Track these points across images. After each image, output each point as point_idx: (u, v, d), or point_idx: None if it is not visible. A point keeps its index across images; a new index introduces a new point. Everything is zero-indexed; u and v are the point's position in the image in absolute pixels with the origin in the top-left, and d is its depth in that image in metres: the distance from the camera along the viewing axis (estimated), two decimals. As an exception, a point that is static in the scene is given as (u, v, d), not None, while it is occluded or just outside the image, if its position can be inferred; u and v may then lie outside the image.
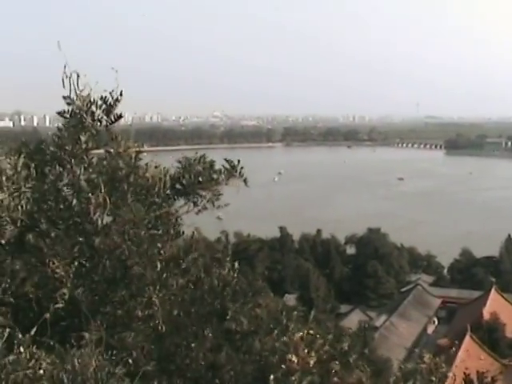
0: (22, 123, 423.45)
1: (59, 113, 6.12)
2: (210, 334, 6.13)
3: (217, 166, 6.46)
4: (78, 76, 5.83)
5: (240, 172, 6.46)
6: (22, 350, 4.49)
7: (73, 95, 5.95)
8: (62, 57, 5.56)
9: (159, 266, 5.90)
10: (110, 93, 6.05)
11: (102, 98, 6.05)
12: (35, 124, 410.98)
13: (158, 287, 5.84)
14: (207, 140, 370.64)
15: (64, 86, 5.86)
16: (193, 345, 6.08)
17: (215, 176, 6.42)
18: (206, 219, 6.66)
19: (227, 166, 6.42)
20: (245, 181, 6.49)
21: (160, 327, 5.81)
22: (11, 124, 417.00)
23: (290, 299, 70.17)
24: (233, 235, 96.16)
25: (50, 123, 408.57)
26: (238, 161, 6.52)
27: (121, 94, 6.08)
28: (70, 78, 5.81)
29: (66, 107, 6.05)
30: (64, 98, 5.99)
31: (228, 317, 6.21)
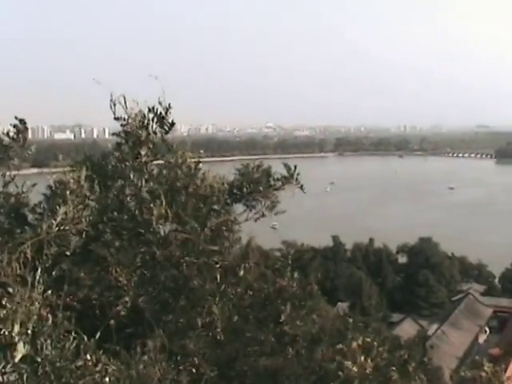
0: (83, 135, 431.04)
1: (115, 134, 6.38)
2: (267, 339, 6.19)
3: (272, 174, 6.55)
4: (124, 99, 6.01)
5: (297, 178, 6.51)
6: (88, 355, 4.58)
7: (124, 115, 6.15)
8: (118, 74, 5.70)
9: (218, 276, 5.98)
10: (159, 102, 6.18)
11: (151, 109, 6.21)
12: (95, 136, 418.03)
13: (217, 296, 5.93)
14: (261, 150, 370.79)
15: (112, 110, 6.06)
16: (251, 349, 6.16)
17: (273, 182, 6.51)
18: (261, 228, 6.72)
19: (284, 172, 6.49)
20: (301, 187, 6.54)
21: (220, 335, 5.89)
22: (72, 136, 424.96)
23: (343, 308, 69.64)
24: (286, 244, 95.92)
25: (109, 135, 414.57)
26: (295, 166, 6.57)
27: (169, 105, 6.21)
28: (114, 101, 6.02)
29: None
30: (116, 119, 6.19)
31: (282, 321, 6.27)
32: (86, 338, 4.81)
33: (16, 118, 5.89)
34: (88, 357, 4.58)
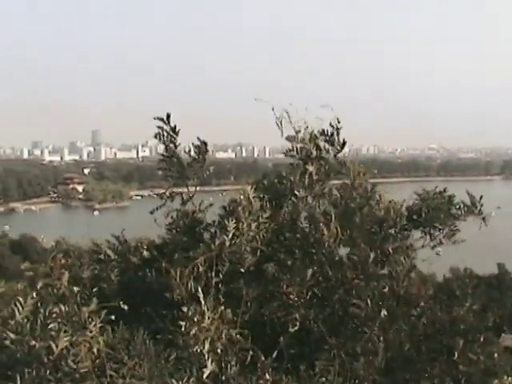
0: (244, 154, 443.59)
1: (285, 153, 6.46)
2: (440, 373, 5.95)
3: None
4: (287, 114, 6.05)
5: (480, 209, 6.23)
6: (267, 375, 4.58)
7: (293, 133, 6.19)
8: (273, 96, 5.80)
9: (391, 302, 5.82)
10: (331, 124, 6.21)
11: (322, 132, 6.27)
12: (255, 155, 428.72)
13: (389, 320, 5.77)
14: (423, 172, 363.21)
15: (280, 129, 6.12)
16: (422, 382, 5.94)
17: (454, 211, 6.26)
18: (424, 254, 6.48)
19: (467, 201, 6.24)
20: (484, 219, 6.26)
21: (390, 361, 5.72)
22: (233, 155, 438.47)
23: (507, 340, 66.00)
24: (448, 270, 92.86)
25: (269, 154, 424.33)
26: (481, 197, 6.29)
27: (338, 122, 6.22)
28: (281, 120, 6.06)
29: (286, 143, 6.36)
30: (287, 138, 6.29)
31: (456, 355, 5.99)
32: (262, 357, 4.85)
33: (198, 139, 6.09)
34: (267, 376, 4.59)
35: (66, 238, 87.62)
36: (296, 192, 6.15)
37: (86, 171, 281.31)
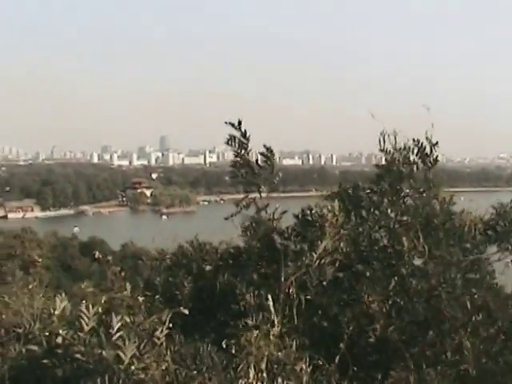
0: (311, 161, 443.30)
1: (376, 165, 6.46)
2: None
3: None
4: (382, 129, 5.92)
5: None
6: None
7: (388, 146, 6.22)
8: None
9: (471, 311, 5.82)
10: (427, 138, 6.16)
11: (417, 143, 6.21)
12: (322, 163, 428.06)
13: (468, 332, 5.78)
14: (493, 182, 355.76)
15: (381, 141, 6.02)
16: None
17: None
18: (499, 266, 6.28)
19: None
20: None
21: (469, 372, 5.72)
22: (300, 162, 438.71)
23: None
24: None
25: (336, 162, 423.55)
26: None
27: (436, 142, 6.20)
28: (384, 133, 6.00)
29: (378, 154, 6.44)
30: (381, 150, 6.30)
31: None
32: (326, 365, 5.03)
33: (264, 146, 6.02)
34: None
35: (134, 242, 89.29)
36: (379, 205, 6.16)
37: (154, 176, 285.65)
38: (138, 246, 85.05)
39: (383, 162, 6.33)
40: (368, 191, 6.33)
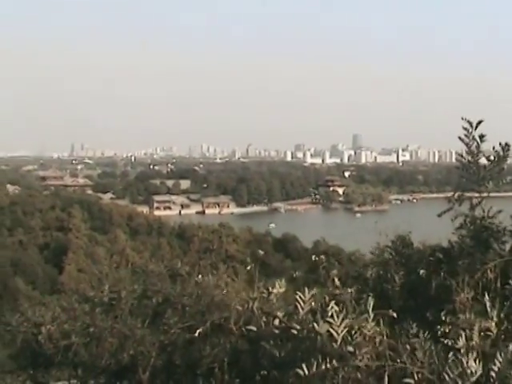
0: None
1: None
2: None
3: None
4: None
5: None
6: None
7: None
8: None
9: None
10: (500, 144, 5.84)
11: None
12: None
13: None
14: None
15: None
16: None
17: None
18: None
19: None
20: None
21: None
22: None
23: None
24: None
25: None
26: None
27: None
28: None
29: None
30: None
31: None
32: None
33: (500, 143, 5.87)
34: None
35: (326, 239, 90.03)
36: None
37: (347, 174, 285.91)
38: (329, 243, 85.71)
39: None
40: None
